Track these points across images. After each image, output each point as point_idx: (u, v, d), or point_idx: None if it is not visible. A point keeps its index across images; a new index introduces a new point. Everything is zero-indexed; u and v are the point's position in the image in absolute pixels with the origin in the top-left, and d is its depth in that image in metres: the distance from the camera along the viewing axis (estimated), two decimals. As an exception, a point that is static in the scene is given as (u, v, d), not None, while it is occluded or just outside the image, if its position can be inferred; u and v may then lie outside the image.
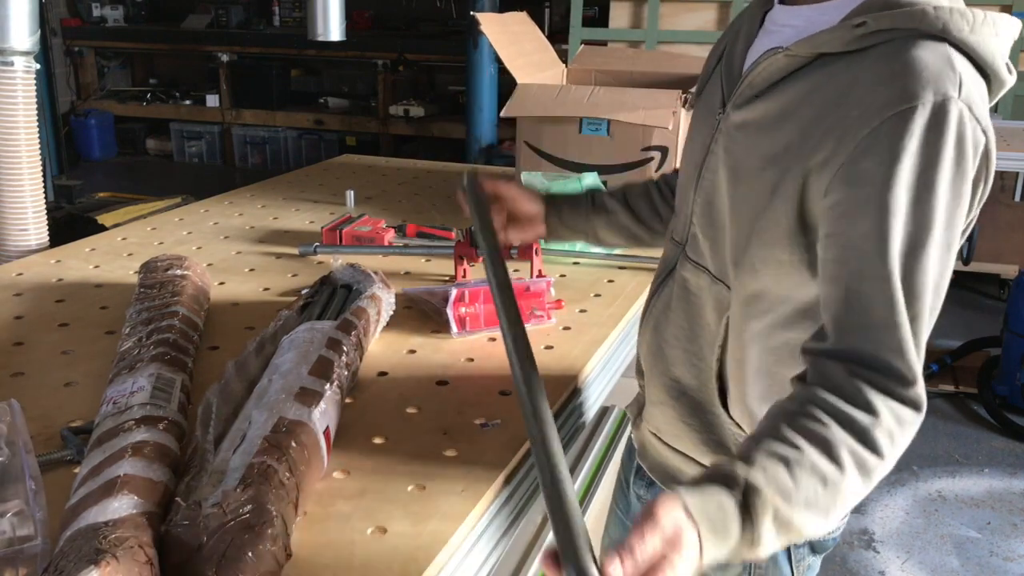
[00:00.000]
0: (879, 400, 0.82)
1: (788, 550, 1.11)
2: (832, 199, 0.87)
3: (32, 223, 1.91)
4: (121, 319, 1.40)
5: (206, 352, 1.38)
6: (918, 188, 0.82)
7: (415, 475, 1.07)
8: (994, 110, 4.38)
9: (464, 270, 1.71)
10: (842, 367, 0.84)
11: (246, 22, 7.40)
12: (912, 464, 3.02)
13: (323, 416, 1.05)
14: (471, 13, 3.05)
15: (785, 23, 0.98)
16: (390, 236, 1.92)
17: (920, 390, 0.83)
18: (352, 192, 2.28)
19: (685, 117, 2.13)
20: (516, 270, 1.72)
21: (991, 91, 0.90)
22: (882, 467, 0.82)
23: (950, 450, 3.11)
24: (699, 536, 0.74)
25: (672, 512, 0.74)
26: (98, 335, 1.44)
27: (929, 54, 0.84)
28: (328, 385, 1.10)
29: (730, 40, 1.09)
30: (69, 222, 2.68)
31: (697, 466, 1.16)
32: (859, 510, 2.74)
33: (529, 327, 1.45)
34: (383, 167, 2.84)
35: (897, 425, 0.82)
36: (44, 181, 1.96)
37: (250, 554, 0.82)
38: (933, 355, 3.57)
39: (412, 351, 1.41)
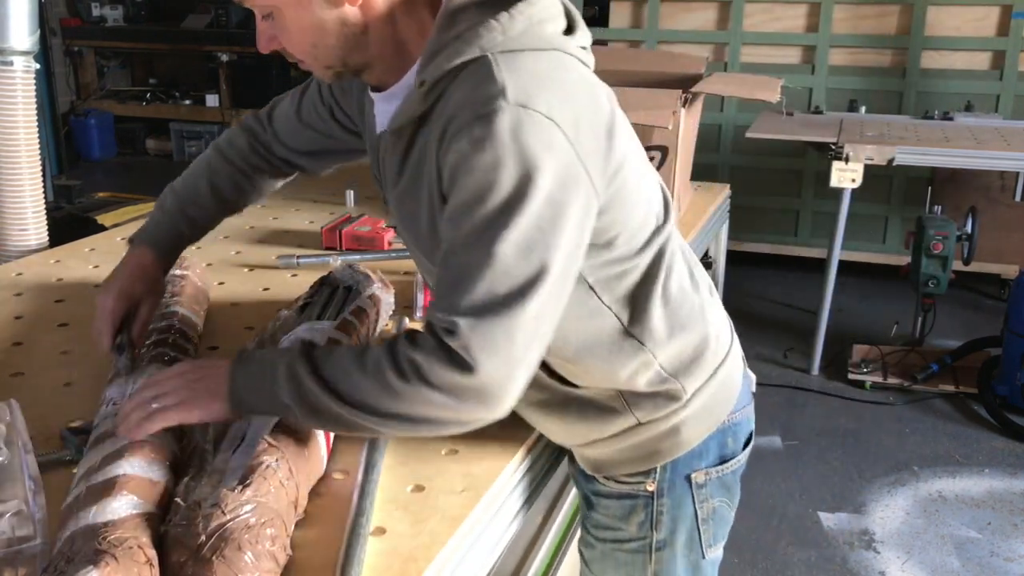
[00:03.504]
0: (418, 336, 0.90)
1: (692, 493, 1.15)
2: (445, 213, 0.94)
3: (32, 223, 1.91)
4: (121, 319, 1.40)
5: (206, 352, 1.38)
6: (483, 189, 0.87)
7: (415, 475, 1.07)
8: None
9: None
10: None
11: (246, 22, 7.38)
12: (912, 464, 3.02)
13: (323, 416, 1.05)
14: (471, 13, 3.02)
15: (383, 110, 1.05)
16: (390, 236, 1.92)
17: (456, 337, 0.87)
18: (352, 192, 2.28)
19: (685, 116, 2.12)
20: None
21: (578, 50, 1.01)
22: (403, 387, 0.88)
23: (950, 450, 3.11)
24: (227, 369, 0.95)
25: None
26: (98, 335, 1.44)
27: (472, 80, 0.90)
28: (328, 385, 1.09)
29: (363, 123, 1.16)
30: (69, 222, 2.68)
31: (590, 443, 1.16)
32: (859, 510, 2.74)
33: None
34: (383, 167, 2.83)
35: (422, 356, 0.88)
36: (44, 181, 1.96)
37: (250, 554, 0.82)
38: (933, 355, 3.57)
39: (412, 351, 1.41)
